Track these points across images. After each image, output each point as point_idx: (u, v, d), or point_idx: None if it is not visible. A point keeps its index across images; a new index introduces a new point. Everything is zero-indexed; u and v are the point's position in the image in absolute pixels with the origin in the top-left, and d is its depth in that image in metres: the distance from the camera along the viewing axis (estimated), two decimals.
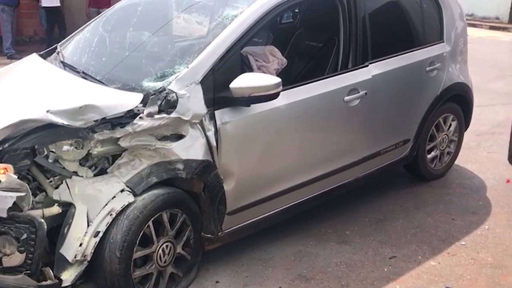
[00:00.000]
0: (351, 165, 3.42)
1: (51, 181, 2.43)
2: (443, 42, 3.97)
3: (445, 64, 3.97)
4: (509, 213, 3.70)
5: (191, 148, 2.54)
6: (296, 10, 4.30)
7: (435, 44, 3.92)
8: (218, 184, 2.66)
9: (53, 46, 3.51)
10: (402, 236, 3.35)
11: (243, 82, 2.57)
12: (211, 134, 2.57)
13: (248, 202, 2.89)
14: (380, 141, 3.61)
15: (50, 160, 2.42)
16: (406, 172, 4.22)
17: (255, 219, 2.99)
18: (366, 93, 3.28)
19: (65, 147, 2.40)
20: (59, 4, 8.72)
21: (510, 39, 13.26)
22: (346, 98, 3.20)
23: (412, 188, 4.08)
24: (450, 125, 4.20)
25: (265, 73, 2.98)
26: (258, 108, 2.72)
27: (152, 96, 2.48)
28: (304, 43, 3.83)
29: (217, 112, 2.60)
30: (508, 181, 4.23)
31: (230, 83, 2.57)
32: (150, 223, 2.50)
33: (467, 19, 18.26)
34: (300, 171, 3.12)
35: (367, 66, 3.34)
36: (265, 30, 3.63)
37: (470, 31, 18.32)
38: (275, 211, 3.08)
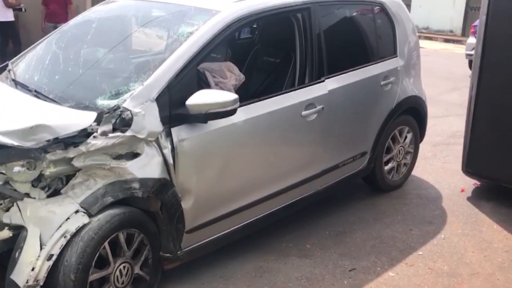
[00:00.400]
0: (310, 179, 3.46)
1: (1, 204, 2.35)
2: (397, 56, 4.09)
3: (399, 78, 4.08)
4: (464, 222, 3.81)
5: (147, 166, 2.51)
6: (255, 26, 4.34)
7: (389, 59, 4.03)
8: (176, 202, 2.63)
9: (3, 64, 3.41)
10: (361, 248, 3.40)
11: (199, 99, 2.57)
12: (167, 151, 2.55)
13: (208, 219, 2.87)
14: (338, 154, 3.66)
15: (0, 182, 2.34)
16: (365, 184, 4.29)
17: (215, 236, 2.96)
18: (323, 107, 3.33)
19: (16, 168, 2.32)
20: (13, 19, 8.49)
21: (464, 51, 13.74)
22: (304, 113, 3.24)
23: (371, 199, 4.15)
24: (406, 137, 4.30)
25: (222, 89, 2.97)
26: (216, 124, 2.72)
27: (106, 115, 2.44)
28: (262, 59, 3.86)
29: (173, 129, 2.58)
30: (462, 190, 4.36)
31: (187, 100, 2.57)
32: (106, 244, 2.44)
33: (423, 32, 19.02)
34: (260, 186, 3.13)
35: (323, 81, 3.40)
36: (223, 46, 3.64)
37: (426, 43, 19.04)
38: (236, 227, 3.06)
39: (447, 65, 12.33)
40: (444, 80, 9.97)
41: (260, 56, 3.88)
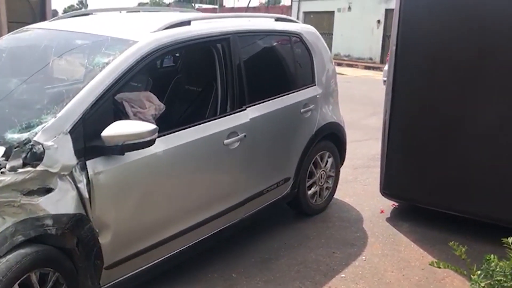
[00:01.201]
0: (235, 207, 3.46)
1: None
2: (315, 85, 4.25)
3: (318, 105, 4.23)
4: (384, 242, 3.96)
5: (61, 201, 2.40)
6: (177, 55, 4.35)
7: (308, 87, 4.18)
8: (93, 238, 2.53)
9: None
10: (286, 274, 3.43)
11: (115, 130, 2.51)
12: (82, 185, 2.46)
13: (128, 254, 2.78)
14: (262, 181, 3.71)
15: None
16: (290, 209, 4.36)
17: (137, 270, 2.87)
18: (245, 135, 3.37)
19: None
20: None
21: (382, 77, 14.51)
22: (226, 141, 3.26)
23: (296, 224, 4.22)
24: (327, 161, 4.45)
25: (141, 119, 2.94)
26: (134, 155, 2.66)
27: (16, 149, 2.32)
28: (184, 88, 3.87)
29: (89, 162, 2.50)
30: (382, 211, 4.55)
31: (103, 131, 2.50)
32: (16, 286, 2.29)
33: (344, 60, 19.82)
34: (183, 217, 3.09)
35: (245, 109, 3.45)
36: (142, 75, 3.62)
37: (348, 70, 19.87)
38: (159, 260, 2.99)
39: (367, 91, 12.95)
40: (364, 105, 10.45)
41: (182, 85, 3.89)
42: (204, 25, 3.38)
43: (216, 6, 27.14)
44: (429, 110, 4.02)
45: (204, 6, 35.80)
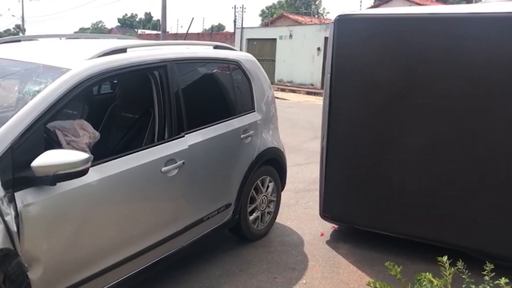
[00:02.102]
0: (175, 235, 3.41)
1: None
2: (255, 111, 4.31)
3: (258, 131, 4.29)
4: (324, 265, 4.02)
5: None
6: (115, 81, 4.30)
7: (247, 113, 4.23)
8: (22, 274, 2.41)
9: None
10: None
11: (46, 159, 2.43)
12: (10, 218, 2.35)
13: None
14: (202, 208, 3.69)
15: None
16: (232, 235, 4.35)
17: None
18: (183, 162, 3.36)
19: None
20: None
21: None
22: (164, 168, 3.23)
23: (238, 250, 4.21)
24: (268, 186, 4.49)
25: (75, 148, 2.86)
26: (67, 185, 2.58)
27: None
28: (120, 115, 3.82)
29: (17, 194, 2.40)
30: (322, 234, 4.62)
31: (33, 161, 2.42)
32: None
33: (287, 85, 20.15)
34: (120, 247, 3.00)
35: (183, 136, 3.44)
36: (77, 103, 3.54)
37: (291, 96, 20.18)
38: None
39: (308, 116, 13.24)
40: (306, 129, 10.68)
41: (119, 112, 3.84)
42: (141, 52, 3.37)
43: (159, 32, 27.07)
44: (364, 134, 4.17)
45: (147, 31, 35.66)
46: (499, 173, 3.62)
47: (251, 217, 4.30)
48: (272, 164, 4.53)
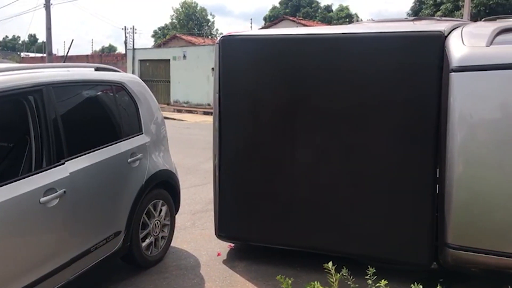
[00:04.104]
0: (58, 269, 3.18)
1: None
2: (143, 133, 4.21)
3: (147, 153, 4.18)
4: (221, 285, 3.99)
5: None
6: None
7: (135, 136, 4.11)
8: None
9: None
10: None
11: None
12: None
13: None
14: (89, 238, 3.49)
15: None
16: (125, 264, 4.16)
17: None
18: (65, 191, 3.17)
19: None
20: None
21: None
22: (43, 199, 3.01)
23: (131, 279, 4.04)
24: (161, 210, 4.38)
25: None
26: None
27: None
28: None
29: None
30: (219, 254, 4.60)
31: None
32: None
33: (184, 106, 19.97)
34: None
35: (64, 163, 3.25)
36: None
37: (188, 116, 20.06)
38: None
39: (206, 136, 13.21)
40: (204, 150, 10.65)
41: None
42: (14, 76, 3.15)
43: (45, 55, 25.69)
44: (254, 152, 4.25)
45: (32, 54, 33.69)
46: (375, 182, 3.86)
47: (144, 244, 4.16)
48: (164, 187, 4.44)
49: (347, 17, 45.31)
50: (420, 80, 3.66)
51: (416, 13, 25.42)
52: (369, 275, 2.93)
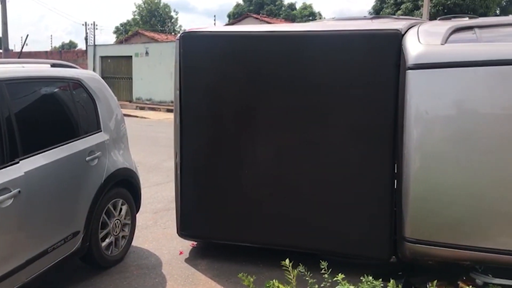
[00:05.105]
0: (13, 271, 3.09)
1: None
2: (101, 131, 4.12)
3: (106, 151, 4.10)
4: (182, 284, 3.96)
5: None
6: None
7: (93, 134, 4.02)
8: None
9: None
10: None
11: None
12: None
13: None
14: (45, 239, 3.39)
15: None
16: (84, 264, 4.08)
17: None
18: (19, 191, 3.07)
19: None
20: None
21: None
22: None
23: (91, 280, 3.96)
24: (121, 209, 4.31)
25: None
26: None
27: None
28: None
29: None
30: (181, 252, 4.56)
31: None
32: None
33: (146, 104, 19.78)
34: None
35: (18, 162, 3.15)
36: None
37: (151, 114, 19.82)
38: None
39: (169, 134, 12.91)
40: (167, 147, 10.46)
41: None
42: None
43: (1, 50, 24.83)
44: (215, 149, 4.23)
45: None
46: (335, 178, 3.91)
47: (104, 243, 4.08)
48: (125, 185, 4.37)
49: (311, 15, 45.76)
50: (378, 78, 3.73)
51: (378, 12, 25.88)
52: (323, 269, 2.98)
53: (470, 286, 3.38)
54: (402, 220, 3.65)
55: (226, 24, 33.83)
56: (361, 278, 3.17)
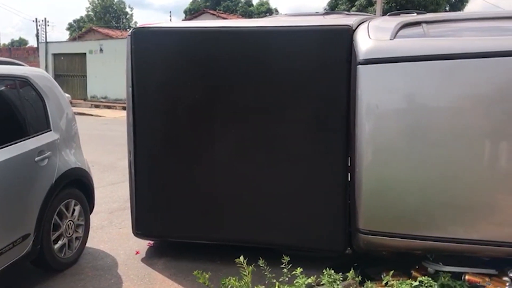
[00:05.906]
0: None
1: None
2: (51, 130, 4.00)
3: (57, 151, 3.98)
4: (139, 284, 3.90)
5: None
6: None
7: (42, 133, 3.90)
8: None
9: None
10: None
11: None
12: None
13: None
14: None
15: None
16: (36, 268, 3.95)
17: None
18: None
19: None
20: None
21: None
22: None
23: (44, 283, 3.84)
24: (74, 210, 4.20)
25: None
26: None
27: None
28: None
29: None
30: (137, 252, 4.49)
31: None
32: None
33: (102, 102, 19.40)
34: None
35: None
36: None
37: (106, 112, 19.47)
38: None
39: (124, 132, 12.73)
40: (122, 146, 10.18)
41: None
42: None
43: None
44: (170, 146, 4.18)
45: None
46: (290, 172, 3.94)
47: (57, 246, 3.96)
48: (77, 186, 4.26)
49: (267, 11, 45.87)
50: (330, 73, 3.78)
51: (333, 8, 26.24)
52: (284, 264, 3.00)
53: (423, 275, 3.49)
54: (356, 212, 3.72)
55: (183, 20, 33.49)
56: (323, 271, 3.22)
